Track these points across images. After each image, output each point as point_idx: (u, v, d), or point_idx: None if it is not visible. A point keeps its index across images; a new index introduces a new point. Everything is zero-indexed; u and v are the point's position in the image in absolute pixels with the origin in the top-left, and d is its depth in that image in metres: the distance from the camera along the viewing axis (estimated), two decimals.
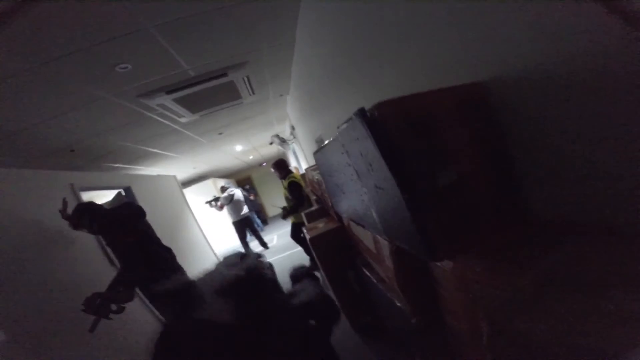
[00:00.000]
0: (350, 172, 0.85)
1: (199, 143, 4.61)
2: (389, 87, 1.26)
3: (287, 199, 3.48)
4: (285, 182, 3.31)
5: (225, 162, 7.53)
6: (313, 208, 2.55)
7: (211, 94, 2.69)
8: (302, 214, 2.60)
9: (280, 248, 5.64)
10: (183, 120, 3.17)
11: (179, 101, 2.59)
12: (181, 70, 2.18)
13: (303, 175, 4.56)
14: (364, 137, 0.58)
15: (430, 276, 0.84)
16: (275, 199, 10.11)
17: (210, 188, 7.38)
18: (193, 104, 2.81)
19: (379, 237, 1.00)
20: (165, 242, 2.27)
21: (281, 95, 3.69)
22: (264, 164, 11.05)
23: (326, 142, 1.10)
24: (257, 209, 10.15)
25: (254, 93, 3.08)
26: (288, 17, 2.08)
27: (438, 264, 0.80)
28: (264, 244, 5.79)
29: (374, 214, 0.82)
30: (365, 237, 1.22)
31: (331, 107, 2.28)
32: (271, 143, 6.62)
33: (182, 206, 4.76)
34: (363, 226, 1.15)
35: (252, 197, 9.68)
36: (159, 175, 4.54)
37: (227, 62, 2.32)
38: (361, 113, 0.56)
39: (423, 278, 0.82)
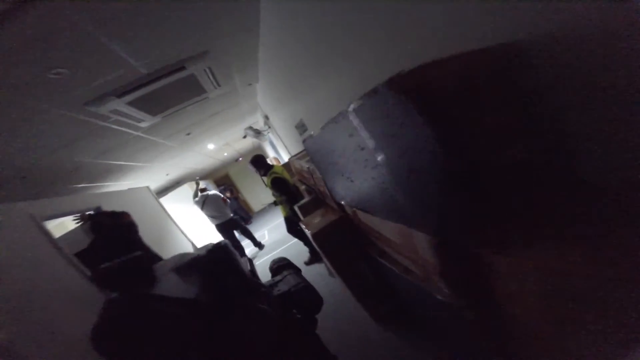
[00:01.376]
0: (363, 156, 0.71)
1: (166, 147, 4.26)
2: (394, 57, 1.09)
3: (274, 195, 3.30)
4: (268, 180, 3.11)
5: (199, 163, 7.14)
6: (306, 200, 2.41)
7: (171, 91, 2.41)
8: (296, 208, 2.46)
9: (274, 244, 5.49)
10: (143, 124, 2.85)
11: (135, 104, 2.29)
12: (130, 69, 1.88)
13: (286, 165, 4.38)
14: (396, 112, 0.44)
15: (482, 266, 0.75)
16: (258, 193, 9.84)
17: (187, 193, 7.01)
18: (152, 106, 2.51)
19: (407, 229, 0.88)
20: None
21: (250, 84, 3.42)
22: (240, 159, 10.65)
23: (323, 126, 0.94)
24: (236, 208, 9.75)
25: (219, 85, 2.80)
26: None
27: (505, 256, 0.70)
28: (258, 244, 5.50)
29: (405, 202, 0.70)
30: (383, 227, 1.10)
31: (313, 89, 2.10)
32: (245, 136, 6.30)
33: (161, 216, 4.45)
34: (376, 214, 1.03)
35: (228, 195, 9.30)
36: (130, 189, 4.18)
37: (184, 53, 2.04)
38: (393, 84, 0.42)
39: (471, 268, 0.72)
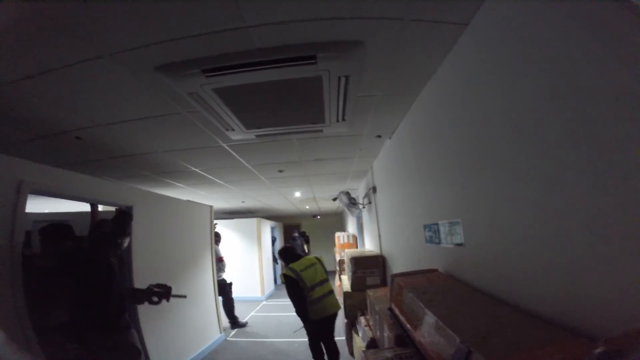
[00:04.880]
0: None
1: (252, 176, 3.61)
2: None
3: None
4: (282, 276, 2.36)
5: (277, 203, 6.51)
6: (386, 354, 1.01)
7: (278, 97, 1.59)
8: None
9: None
10: (233, 136, 2.14)
11: (225, 97, 1.53)
12: (237, 29, 1.11)
13: (358, 261, 3.09)
14: None
15: None
16: (323, 254, 8.51)
17: (252, 228, 6.33)
18: (247, 111, 1.74)
19: None
20: None
21: (379, 136, 2.46)
22: (319, 216, 9.84)
23: None
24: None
25: (344, 119, 1.91)
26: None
27: None
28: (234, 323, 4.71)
29: None
30: None
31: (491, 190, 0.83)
32: (335, 199, 5.36)
33: (205, 240, 3.65)
34: None
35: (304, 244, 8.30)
36: (190, 202, 3.60)
37: (321, 33, 1.19)
38: None
39: None
